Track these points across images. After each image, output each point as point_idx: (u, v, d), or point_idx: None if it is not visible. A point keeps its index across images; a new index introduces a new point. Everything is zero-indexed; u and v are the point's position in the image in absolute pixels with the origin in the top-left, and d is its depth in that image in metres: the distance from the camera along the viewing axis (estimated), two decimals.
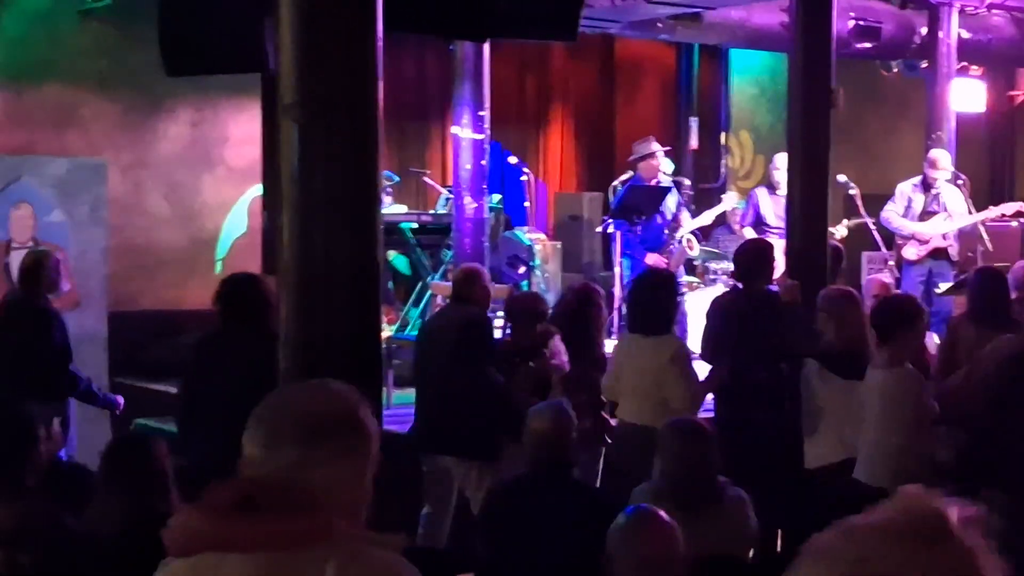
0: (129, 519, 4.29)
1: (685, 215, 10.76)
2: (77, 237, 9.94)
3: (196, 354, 6.38)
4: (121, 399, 7.74)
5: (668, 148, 11.25)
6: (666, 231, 10.61)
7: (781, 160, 10.10)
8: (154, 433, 6.27)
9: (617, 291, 10.43)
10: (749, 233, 10.43)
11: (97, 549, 4.34)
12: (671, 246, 10.63)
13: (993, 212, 11.06)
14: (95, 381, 7.98)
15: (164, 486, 4.41)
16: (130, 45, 10.35)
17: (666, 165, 10.90)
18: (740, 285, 7.23)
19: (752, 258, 7.15)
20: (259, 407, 2.10)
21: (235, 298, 6.16)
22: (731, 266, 10.70)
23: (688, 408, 6.40)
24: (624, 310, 10.39)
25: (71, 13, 10.54)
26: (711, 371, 6.94)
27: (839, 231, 10.81)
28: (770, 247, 7.31)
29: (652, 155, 10.63)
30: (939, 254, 10.86)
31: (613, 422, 6.85)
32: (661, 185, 10.62)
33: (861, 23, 12.26)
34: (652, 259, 10.37)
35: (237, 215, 11.58)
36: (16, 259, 9.67)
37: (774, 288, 7.07)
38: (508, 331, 7.52)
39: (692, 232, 10.82)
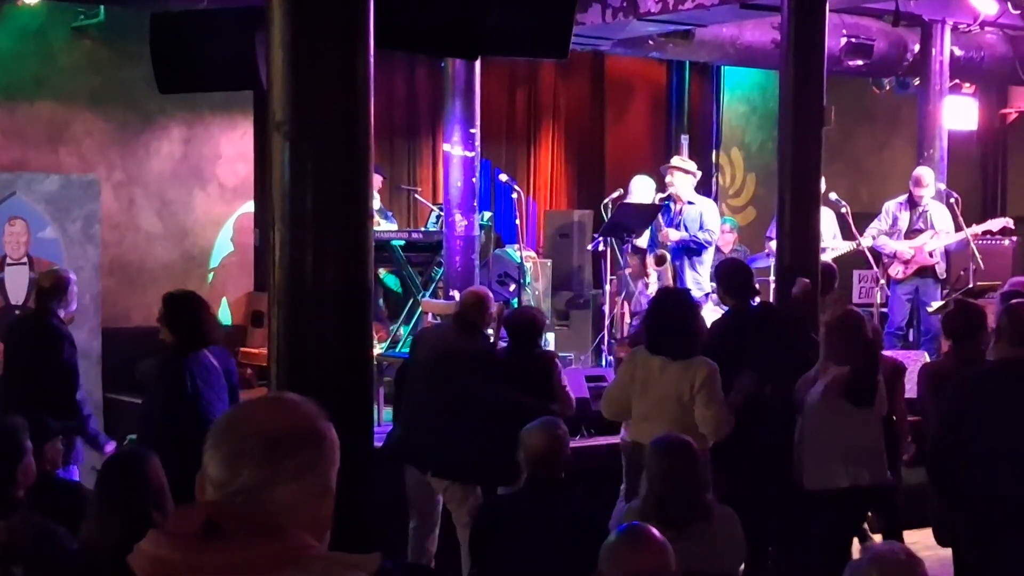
0: (124, 535, 4.28)
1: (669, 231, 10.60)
2: (70, 253, 9.94)
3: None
4: (112, 446, 7.43)
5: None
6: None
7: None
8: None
9: (607, 309, 10.44)
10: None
11: (91, 564, 4.34)
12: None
13: (978, 229, 11.09)
14: (88, 397, 7.94)
15: (160, 502, 4.41)
16: (122, 62, 10.37)
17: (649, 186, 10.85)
18: (727, 304, 7.22)
19: (739, 275, 7.15)
20: (218, 424, 2.06)
21: (175, 316, 6.25)
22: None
23: (714, 433, 6.30)
24: (629, 329, 10.43)
25: (64, 30, 10.55)
26: (731, 394, 6.83)
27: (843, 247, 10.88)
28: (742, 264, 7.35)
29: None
30: (925, 272, 10.88)
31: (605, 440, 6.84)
32: (652, 203, 10.62)
33: (853, 40, 12.31)
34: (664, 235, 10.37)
35: (229, 232, 11.59)
36: (11, 275, 9.68)
37: (756, 303, 7.09)
38: (507, 346, 7.54)
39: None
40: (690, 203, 10.51)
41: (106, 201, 10.50)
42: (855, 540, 6.51)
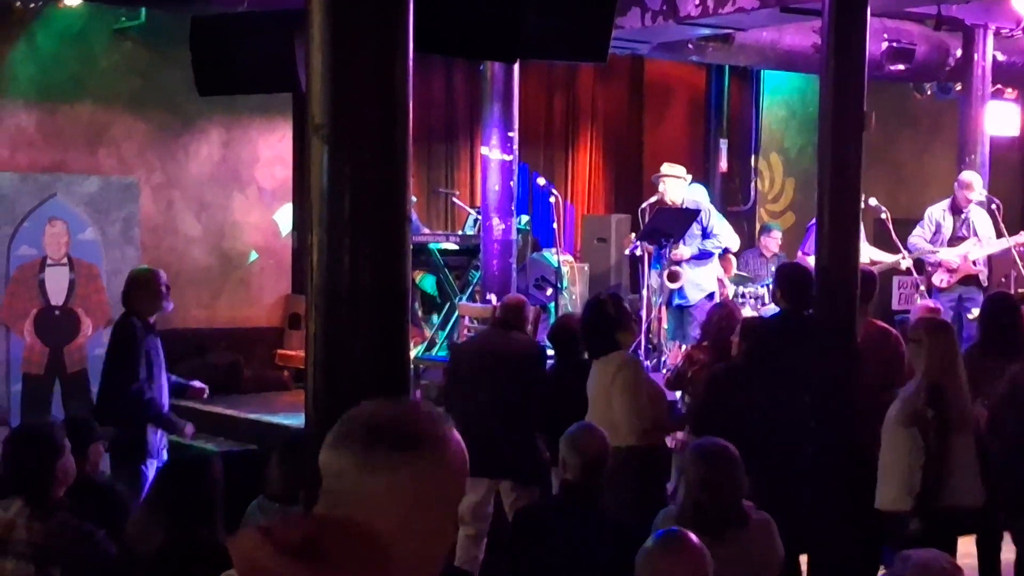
0: (168, 541, 4.30)
1: (693, 239, 10.51)
2: (109, 255, 10.00)
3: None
4: (191, 428, 7.38)
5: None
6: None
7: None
8: (209, 454, 6.25)
9: (644, 313, 10.41)
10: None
11: (130, 568, 4.36)
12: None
13: (1023, 237, 10.98)
14: None
15: (210, 512, 4.42)
16: (162, 65, 10.43)
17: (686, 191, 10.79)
18: (780, 309, 7.16)
19: (800, 282, 7.09)
20: (339, 425, 2.02)
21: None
22: (760, 291, 10.73)
23: (632, 423, 6.41)
24: (650, 333, 10.41)
25: (105, 32, 10.62)
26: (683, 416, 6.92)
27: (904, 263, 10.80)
28: (810, 271, 7.26)
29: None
30: (969, 280, 10.78)
31: None
32: (690, 208, 10.58)
33: (895, 45, 12.23)
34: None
35: (266, 235, 11.64)
36: (51, 275, 9.74)
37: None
38: (554, 357, 7.60)
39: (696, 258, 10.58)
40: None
41: (145, 203, 10.56)
42: None
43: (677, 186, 10.51)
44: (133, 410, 7.02)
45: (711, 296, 10.24)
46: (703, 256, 10.49)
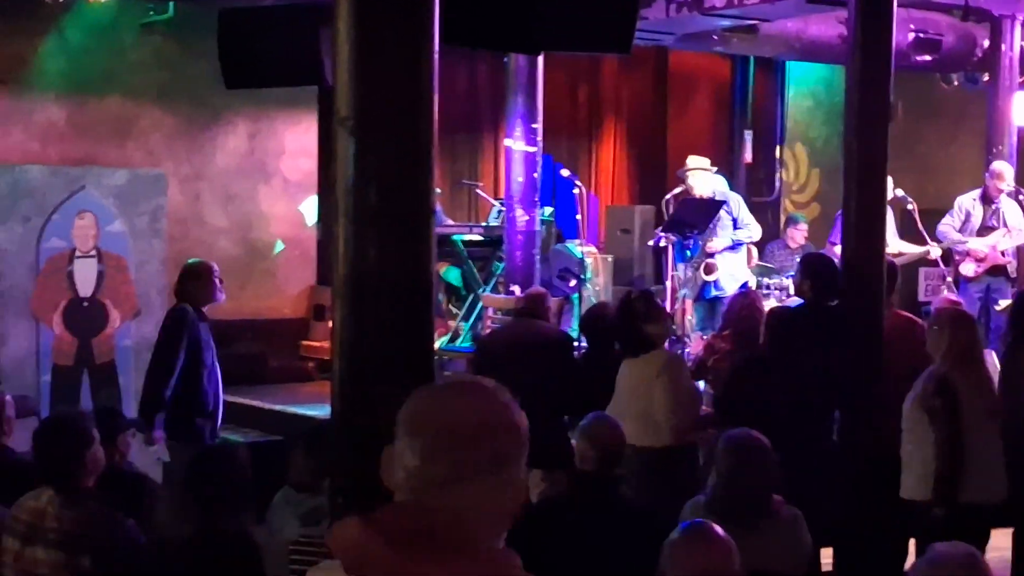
0: (198, 530, 4.33)
1: (724, 232, 10.52)
2: (137, 247, 10.06)
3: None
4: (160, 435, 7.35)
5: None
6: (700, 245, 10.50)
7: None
8: (237, 444, 6.31)
9: (668, 304, 10.41)
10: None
11: (160, 557, 4.39)
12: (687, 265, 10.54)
13: None
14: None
15: (238, 501, 4.45)
16: (190, 58, 10.48)
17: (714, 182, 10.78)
18: (804, 300, 7.15)
19: (825, 272, 7.08)
20: (412, 409, 2.01)
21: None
22: (785, 281, 10.72)
23: (672, 423, 6.41)
24: (674, 324, 10.41)
25: (133, 26, 10.68)
26: (710, 416, 6.90)
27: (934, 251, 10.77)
28: (835, 262, 7.25)
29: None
30: (997, 271, 10.74)
31: None
32: (714, 199, 10.58)
33: (921, 35, 12.18)
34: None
35: (292, 226, 11.69)
36: (80, 267, 9.81)
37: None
38: (585, 346, 7.64)
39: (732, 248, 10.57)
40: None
41: (172, 195, 10.62)
42: None
43: (704, 178, 10.52)
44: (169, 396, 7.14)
45: (745, 286, 10.25)
46: (735, 246, 10.49)
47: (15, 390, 7.47)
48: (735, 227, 10.46)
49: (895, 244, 10.27)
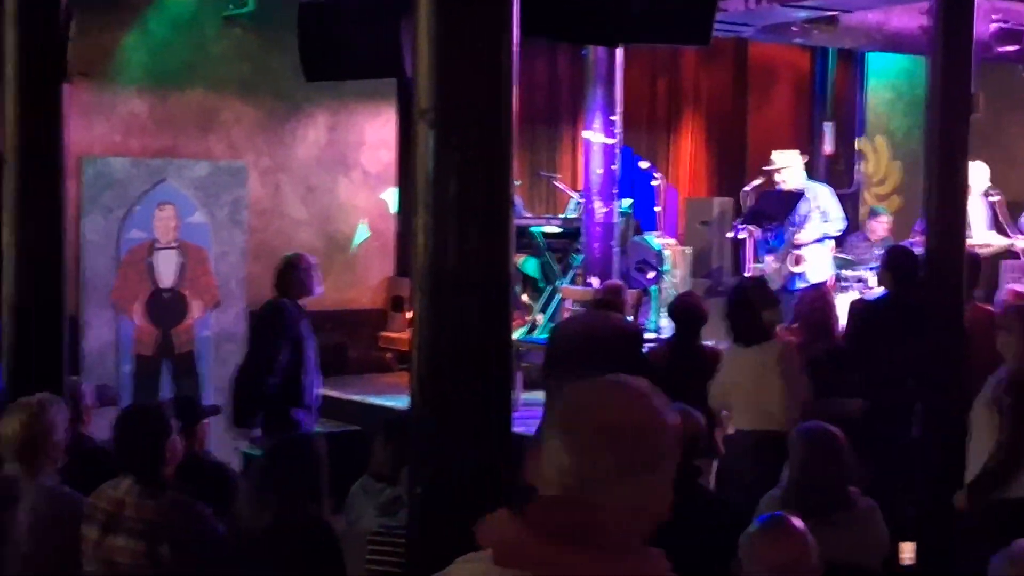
0: (276, 520, 4.37)
1: (813, 224, 10.46)
2: (218, 238, 10.19)
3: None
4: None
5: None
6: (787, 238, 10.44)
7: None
8: (315, 434, 6.35)
9: None
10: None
11: (239, 546, 4.44)
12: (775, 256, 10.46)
13: None
14: (232, 377, 8.07)
15: (316, 491, 4.49)
16: (270, 51, 10.58)
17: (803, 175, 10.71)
18: (887, 292, 7.09)
19: (907, 264, 7.02)
20: (567, 408, 1.99)
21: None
22: (865, 274, 10.62)
23: (788, 412, 6.31)
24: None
25: (214, 19, 10.79)
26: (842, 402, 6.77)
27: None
28: (917, 255, 7.19)
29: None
30: None
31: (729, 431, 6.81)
32: (794, 190, 10.51)
33: (1004, 26, 11.99)
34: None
35: (372, 217, 11.76)
36: (160, 258, 9.96)
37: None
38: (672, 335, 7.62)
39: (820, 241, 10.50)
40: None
41: (253, 187, 10.73)
42: None
43: (793, 172, 10.47)
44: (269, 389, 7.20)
45: (834, 278, 10.21)
46: (823, 240, 10.42)
47: (96, 380, 7.59)
48: (823, 220, 10.39)
49: (983, 236, 10.16)
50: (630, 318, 7.67)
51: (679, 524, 4.66)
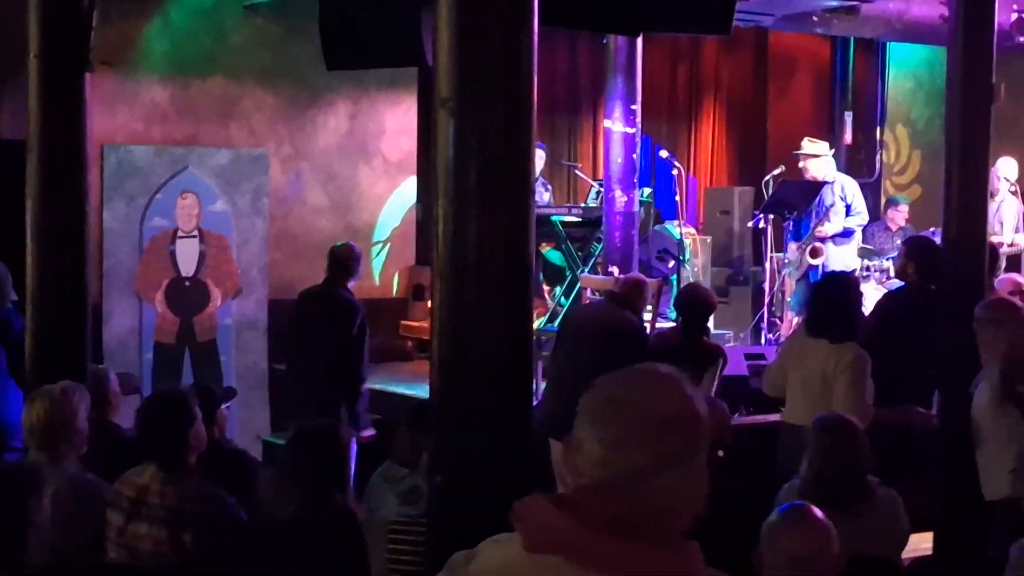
0: (302, 507, 4.39)
1: (837, 217, 10.45)
2: (239, 226, 10.22)
3: None
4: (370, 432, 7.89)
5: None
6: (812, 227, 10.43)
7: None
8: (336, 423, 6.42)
9: (767, 286, 10.36)
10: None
11: (261, 534, 4.46)
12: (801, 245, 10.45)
13: None
14: (256, 366, 8.15)
15: (339, 479, 4.50)
16: (292, 39, 10.59)
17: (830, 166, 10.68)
18: (906, 283, 7.07)
19: (931, 255, 6.99)
20: (596, 399, 1.98)
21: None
22: (885, 264, 10.61)
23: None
24: (773, 306, 10.36)
25: (236, 8, 10.80)
26: (902, 410, 6.70)
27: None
28: (939, 245, 7.17)
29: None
30: None
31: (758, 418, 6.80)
32: (816, 180, 10.50)
33: None
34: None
35: (391, 206, 11.77)
36: (182, 247, 9.99)
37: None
38: (678, 325, 7.60)
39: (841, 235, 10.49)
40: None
41: (274, 175, 10.76)
42: None
43: (822, 162, 10.47)
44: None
45: (853, 272, 10.17)
46: (847, 234, 10.41)
47: (118, 367, 7.62)
48: (847, 213, 10.38)
49: (1010, 235, 10.19)
50: (650, 308, 7.64)
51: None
